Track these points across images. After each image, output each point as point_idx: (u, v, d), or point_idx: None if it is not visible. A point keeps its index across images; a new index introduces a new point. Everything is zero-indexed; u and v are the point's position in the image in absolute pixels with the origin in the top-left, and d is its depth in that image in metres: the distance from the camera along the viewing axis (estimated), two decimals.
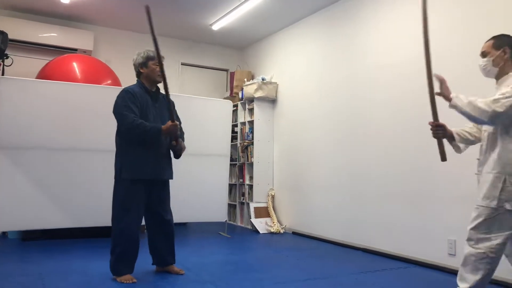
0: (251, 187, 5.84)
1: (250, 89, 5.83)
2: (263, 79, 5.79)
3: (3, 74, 4.49)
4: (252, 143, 5.86)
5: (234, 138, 6.09)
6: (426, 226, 3.63)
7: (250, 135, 5.94)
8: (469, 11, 3.42)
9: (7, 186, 3.87)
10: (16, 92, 3.93)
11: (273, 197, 5.78)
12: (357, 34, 4.56)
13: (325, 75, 5.02)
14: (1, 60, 4.56)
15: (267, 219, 5.57)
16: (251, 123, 5.96)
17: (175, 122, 2.92)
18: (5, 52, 4.50)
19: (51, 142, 4.04)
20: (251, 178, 5.89)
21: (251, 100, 5.94)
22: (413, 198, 3.78)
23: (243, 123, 6.16)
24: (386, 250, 4.00)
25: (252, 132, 5.91)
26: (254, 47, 6.66)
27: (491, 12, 3.25)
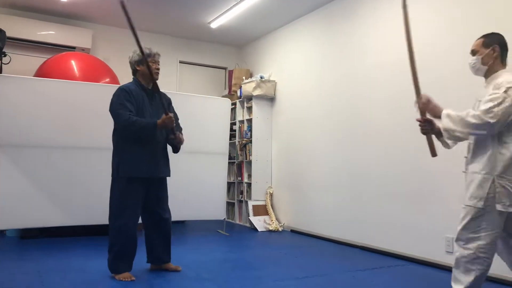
0: (249, 185, 5.84)
1: (248, 87, 5.84)
2: (261, 77, 5.80)
3: (1, 72, 4.47)
4: (251, 141, 5.86)
5: (232, 136, 6.09)
6: (423, 224, 3.64)
7: (249, 133, 5.94)
8: (469, 11, 3.42)
9: (5, 184, 3.87)
10: (14, 90, 3.93)
11: (271, 195, 5.79)
12: (356, 32, 4.56)
13: (323, 73, 5.03)
14: None
15: (266, 217, 5.58)
16: (250, 121, 5.96)
17: (169, 115, 2.90)
18: (3, 50, 4.48)
19: (49, 140, 4.04)
20: (249, 176, 5.90)
21: (249, 98, 5.94)
22: (411, 196, 3.79)
23: (241, 121, 6.17)
24: (383, 248, 4.01)
25: (250, 130, 5.91)
26: (252, 45, 6.65)
27: (491, 12, 3.25)
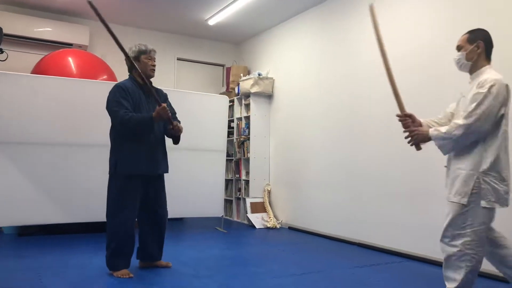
0: (247, 182, 5.85)
1: (246, 84, 5.83)
2: (259, 74, 5.80)
3: None
4: (249, 139, 5.86)
5: (230, 133, 6.09)
6: (421, 221, 3.65)
7: (247, 131, 5.95)
8: (470, 11, 3.42)
9: (2, 181, 3.87)
10: (11, 87, 3.92)
11: (269, 192, 5.80)
12: (354, 28, 4.55)
13: (321, 71, 5.02)
14: None
15: (263, 214, 5.59)
16: (247, 118, 5.96)
17: (162, 105, 2.87)
18: (0, 47, 4.47)
19: (46, 137, 4.03)
20: (247, 173, 5.91)
21: (247, 95, 5.94)
22: (408, 194, 3.80)
23: (239, 119, 6.17)
24: (380, 245, 4.03)
25: (248, 128, 5.92)
26: (250, 42, 6.64)
27: (491, 12, 3.25)
